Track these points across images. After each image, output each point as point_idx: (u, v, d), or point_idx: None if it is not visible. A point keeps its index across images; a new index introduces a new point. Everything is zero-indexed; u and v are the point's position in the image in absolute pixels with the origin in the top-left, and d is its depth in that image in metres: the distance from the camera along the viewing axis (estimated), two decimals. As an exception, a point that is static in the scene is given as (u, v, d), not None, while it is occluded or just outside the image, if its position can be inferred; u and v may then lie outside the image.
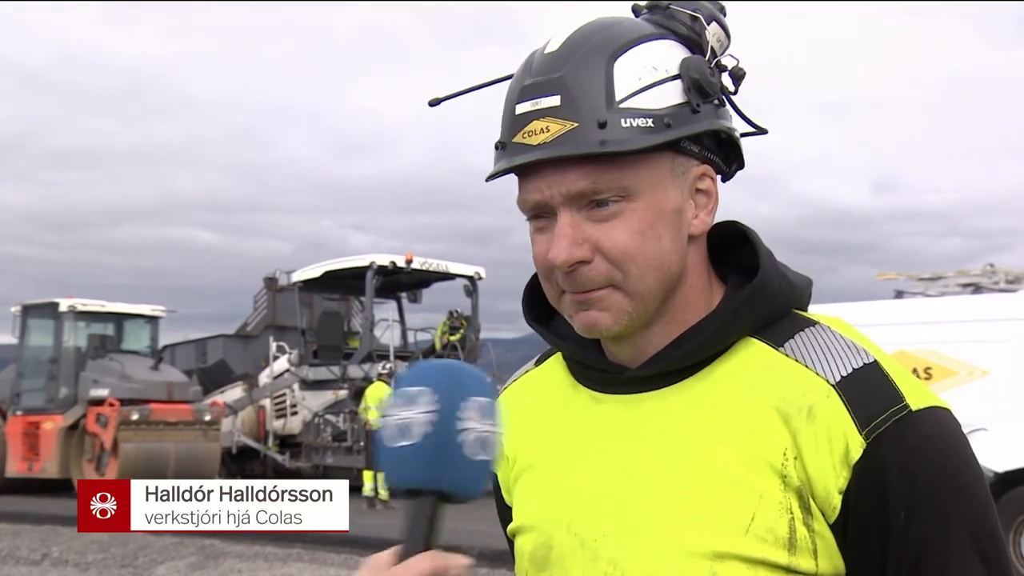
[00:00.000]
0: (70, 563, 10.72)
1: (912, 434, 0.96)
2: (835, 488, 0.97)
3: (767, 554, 0.97)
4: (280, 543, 11.56)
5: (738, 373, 1.03)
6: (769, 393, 1.00)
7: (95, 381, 17.49)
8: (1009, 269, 13.10)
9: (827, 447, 0.97)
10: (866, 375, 0.99)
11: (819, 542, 0.98)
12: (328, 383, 19.09)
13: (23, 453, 17.90)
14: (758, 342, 1.04)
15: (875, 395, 0.98)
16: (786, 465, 0.98)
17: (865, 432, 0.96)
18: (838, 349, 1.01)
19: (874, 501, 0.96)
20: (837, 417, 0.97)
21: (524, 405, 1.18)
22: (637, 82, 1.01)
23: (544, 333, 1.14)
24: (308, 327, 19.97)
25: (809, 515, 0.97)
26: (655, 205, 1.02)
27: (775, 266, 1.07)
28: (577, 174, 1.00)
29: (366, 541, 11.21)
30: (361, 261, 18.46)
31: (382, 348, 18.88)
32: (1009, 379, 11.45)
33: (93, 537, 12.21)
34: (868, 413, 0.97)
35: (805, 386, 0.99)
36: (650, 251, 1.02)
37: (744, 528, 0.98)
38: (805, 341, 1.03)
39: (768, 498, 0.98)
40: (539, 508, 1.11)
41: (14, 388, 18.50)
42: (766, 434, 0.99)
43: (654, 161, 1.02)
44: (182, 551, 11.09)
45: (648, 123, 1.00)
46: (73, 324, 18.44)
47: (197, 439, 17.49)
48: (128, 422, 16.73)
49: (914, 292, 13.85)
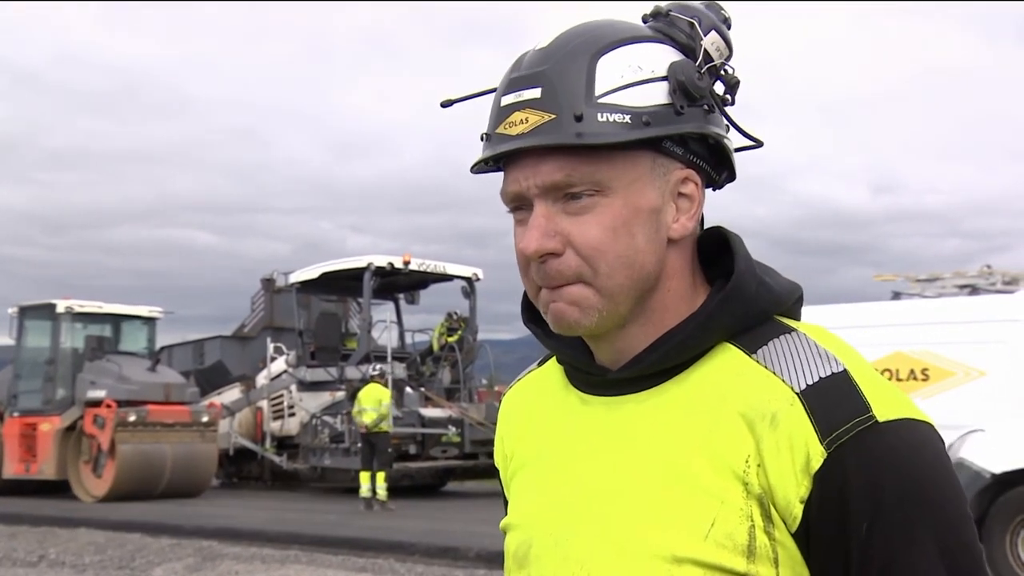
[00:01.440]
0: (67, 565, 10.70)
1: (876, 445, 0.95)
2: (796, 497, 0.96)
3: (725, 560, 0.97)
4: (277, 544, 11.56)
5: (712, 378, 1.03)
6: (737, 399, 1.01)
7: (92, 382, 17.48)
8: (1006, 270, 13.12)
9: (788, 455, 0.96)
10: (833, 384, 0.98)
11: (780, 551, 0.97)
12: (326, 384, 19.08)
13: (20, 455, 17.88)
14: (734, 348, 1.04)
15: (839, 404, 0.97)
16: (748, 472, 0.98)
17: (826, 442, 0.95)
18: (808, 357, 1.01)
19: (835, 512, 0.95)
20: (799, 425, 0.97)
21: (524, 404, 1.20)
22: (619, 79, 1.02)
23: (538, 334, 1.15)
24: (306, 328, 19.97)
25: (770, 523, 0.97)
26: (630, 202, 1.02)
27: (751, 271, 1.06)
28: (552, 166, 1.01)
29: (363, 542, 11.21)
30: (359, 262, 18.46)
31: (380, 349, 18.86)
32: (1006, 380, 11.46)
33: (90, 539, 12.20)
34: (830, 422, 0.96)
35: (771, 393, 0.99)
36: (621, 248, 1.02)
37: (704, 533, 0.98)
38: (778, 348, 1.02)
39: (729, 504, 0.98)
40: (525, 507, 1.13)
41: (11, 389, 18.48)
42: (731, 440, 0.99)
43: (632, 158, 1.02)
44: (179, 552, 11.08)
45: (626, 119, 1.01)
46: (70, 325, 18.42)
47: (194, 440, 17.47)
48: (125, 423, 16.72)
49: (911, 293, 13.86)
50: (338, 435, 18.03)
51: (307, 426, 18.85)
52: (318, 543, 11.51)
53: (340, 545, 11.19)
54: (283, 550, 11.18)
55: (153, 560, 10.75)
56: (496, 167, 1.08)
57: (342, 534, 11.88)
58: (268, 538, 11.97)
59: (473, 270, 19.32)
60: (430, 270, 18.80)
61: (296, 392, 19.62)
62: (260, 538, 12.01)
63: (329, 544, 11.35)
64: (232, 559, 10.63)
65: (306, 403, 19.26)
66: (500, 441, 1.23)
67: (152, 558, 10.86)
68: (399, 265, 18.26)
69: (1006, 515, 8.03)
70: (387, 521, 13.51)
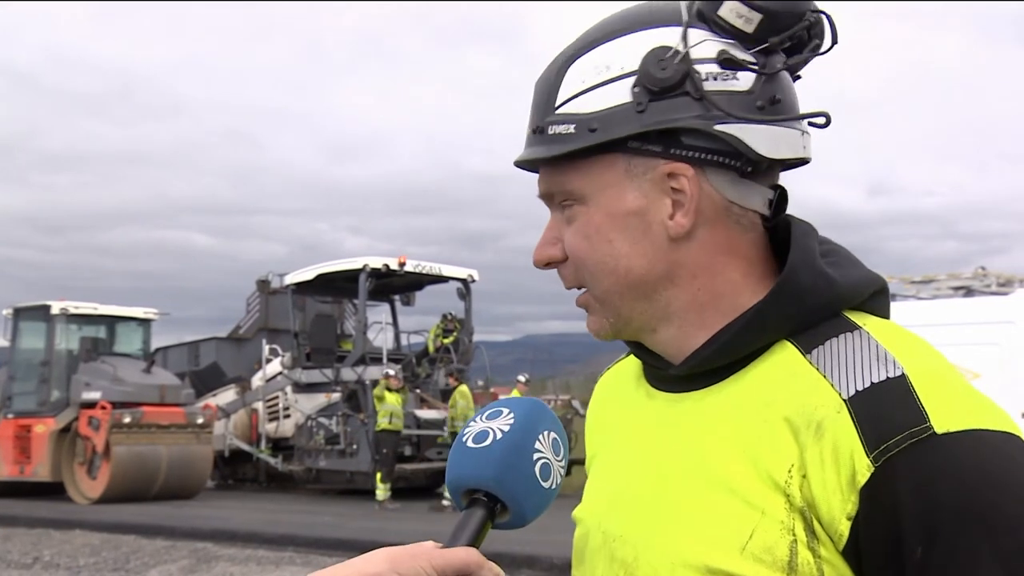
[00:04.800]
0: (62, 567, 10.69)
1: (933, 459, 0.85)
2: (842, 513, 0.88)
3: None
4: (273, 546, 11.55)
5: (766, 378, 0.97)
6: (785, 403, 0.94)
7: (87, 384, 17.45)
8: (1000, 272, 13.14)
9: (833, 468, 0.88)
10: (886, 390, 0.89)
11: (828, 569, 0.89)
12: (321, 386, 19.07)
13: (14, 456, 17.84)
14: (791, 346, 0.97)
15: (891, 413, 0.88)
16: (790, 483, 0.91)
17: (873, 455, 0.87)
18: (865, 359, 0.92)
19: (885, 532, 0.86)
20: (845, 436, 0.88)
21: (608, 393, 1.19)
22: (580, 84, 0.99)
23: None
24: (301, 330, 19.95)
25: (815, 539, 0.89)
26: (604, 208, 1.00)
27: (808, 262, 0.98)
28: (540, 178, 1.05)
29: (358, 544, 11.20)
30: (354, 264, 18.46)
31: (375, 351, 18.86)
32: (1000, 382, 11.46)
33: (85, 540, 12.19)
34: (879, 434, 0.87)
35: (819, 399, 0.92)
36: (598, 255, 1.01)
37: (741, 545, 0.92)
38: (835, 348, 0.95)
39: (770, 516, 0.91)
40: (589, 500, 1.12)
41: (5, 391, 18.44)
42: (775, 447, 0.92)
43: (600, 164, 0.99)
44: (174, 555, 11.07)
45: (570, 129, 0.99)
46: (65, 327, 18.39)
47: (189, 442, 17.45)
48: (120, 425, 16.69)
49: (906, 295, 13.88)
50: (333, 436, 18.02)
51: (302, 428, 18.82)
52: (313, 545, 11.50)
53: (335, 547, 11.18)
54: (278, 552, 11.18)
55: (148, 562, 10.74)
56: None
57: (337, 536, 11.87)
58: (263, 540, 11.96)
59: (469, 272, 19.32)
60: (426, 272, 18.80)
61: (291, 394, 19.60)
62: (255, 540, 11.99)
63: (324, 546, 11.35)
64: (227, 561, 10.62)
65: (301, 405, 19.24)
66: (588, 427, 1.22)
67: (147, 560, 10.84)
68: (395, 267, 18.25)
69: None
70: (382, 523, 13.50)
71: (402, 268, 18.33)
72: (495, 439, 0.92)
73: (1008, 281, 12.97)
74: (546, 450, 0.93)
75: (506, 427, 0.93)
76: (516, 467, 0.91)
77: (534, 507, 0.92)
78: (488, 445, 0.92)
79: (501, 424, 0.93)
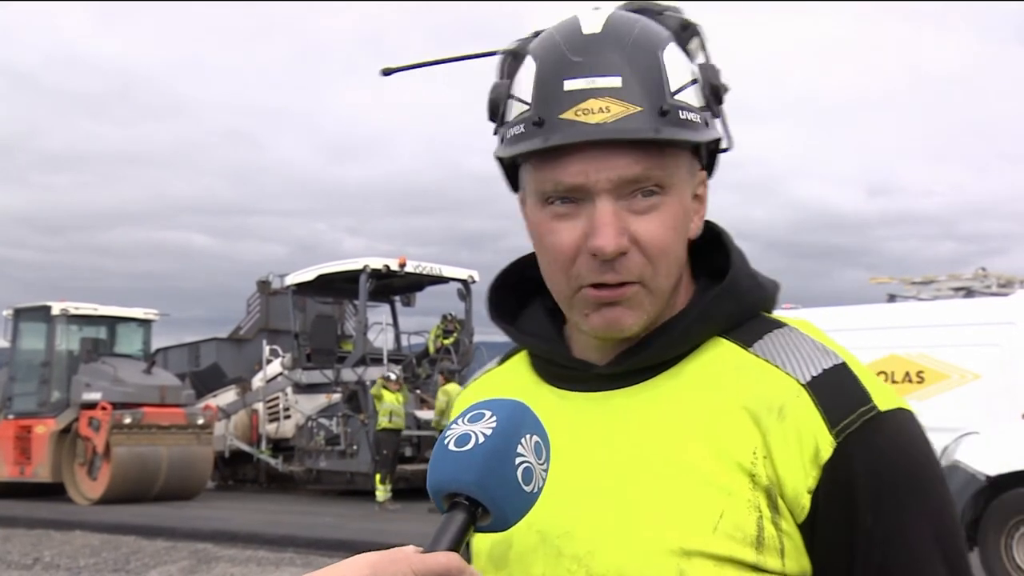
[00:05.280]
0: (62, 567, 10.68)
1: (879, 434, 0.97)
2: (804, 488, 0.96)
3: (735, 552, 0.96)
4: (273, 547, 11.55)
5: (708, 372, 1.03)
6: (739, 392, 1.00)
7: (87, 385, 17.45)
8: (1001, 273, 13.15)
9: (797, 447, 0.97)
10: (835, 376, 0.99)
11: (786, 541, 0.97)
12: (321, 387, 19.06)
13: (15, 457, 17.84)
14: (727, 342, 1.04)
15: (844, 396, 0.98)
16: (755, 464, 0.98)
17: (835, 432, 0.96)
18: (807, 350, 1.02)
19: (842, 501, 0.96)
20: (807, 417, 0.97)
21: None
22: (684, 77, 1.01)
23: (510, 331, 1.14)
24: (301, 331, 19.95)
25: (777, 514, 0.97)
26: (680, 202, 1.02)
27: (746, 267, 1.07)
28: (629, 159, 0.98)
29: (360, 545, 11.20)
30: (354, 264, 18.45)
31: (375, 352, 18.85)
32: (1001, 383, 11.46)
33: (85, 541, 12.19)
34: (838, 413, 0.97)
35: (775, 386, 0.99)
36: (677, 248, 1.02)
37: (713, 525, 0.97)
38: (775, 342, 1.03)
39: (737, 496, 0.97)
40: None
41: (6, 392, 18.44)
42: (735, 433, 0.99)
43: (682, 158, 1.02)
44: (174, 555, 11.07)
45: (697, 119, 1.01)
46: (65, 328, 18.39)
47: (190, 443, 17.45)
48: (120, 426, 16.69)
49: (907, 296, 13.88)
50: (334, 437, 18.02)
51: (303, 428, 18.83)
52: (313, 546, 11.50)
53: (335, 548, 11.18)
54: (278, 553, 11.18)
55: (148, 563, 10.73)
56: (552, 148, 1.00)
57: (337, 536, 11.87)
58: (263, 541, 11.95)
59: (469, 272, 19.31)
60: (426, 272, 18.79)
61: (292, 394, 19.60)
62: (255, 541, 11.99)
63: (324, 547, 11.34)
64: (227, 562, 10.62)
65: (302, 405, 19.24)
66: None
67: (147, 560, 10.84)
68: (395, 267, 18.25)
69: (1001, 517, 8.03)
70: (383, 524, 13.50)
71: (402, 269, 18.32)
72: (477, 443, 0.91)
73: (1009, 282, 12.97)
74: (528, 454, 0.92)
75: (488, 430, 0.91)
76: (498, 472, 0.90)
77: (516, 511, 0.92)
78: (470, 449, 0.90)
79: (483, 427, 0.92)
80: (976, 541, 8.13)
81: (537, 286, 1.11)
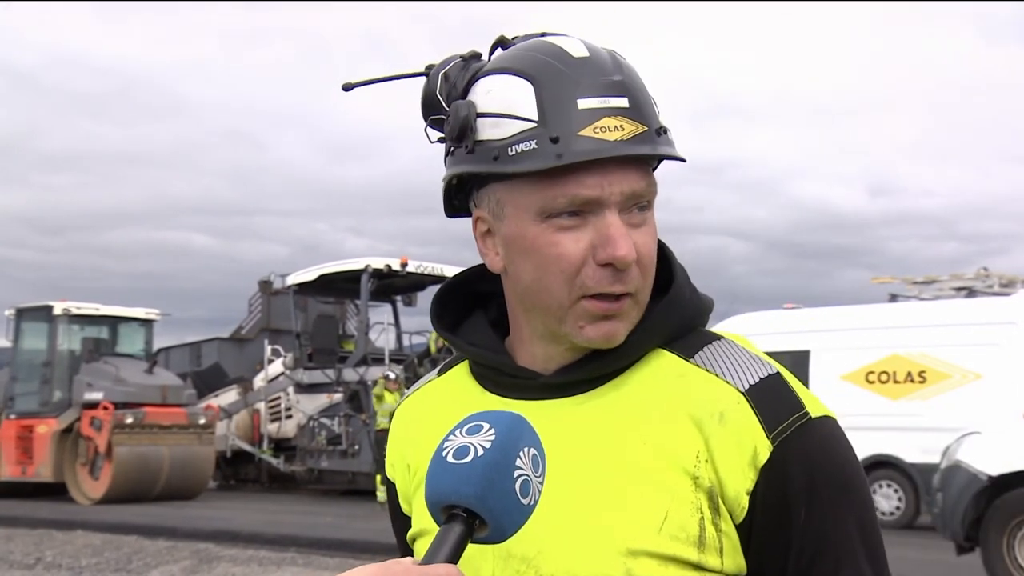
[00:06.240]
0: (64, 567, 10.70)
1: (811, 439, 1.04)
2: (743, 489, 1.02)
3: (679, 551, 1.01)
4: (274, 547, 11.55)
5: (651, 382, 1.08)
6: (682, 400, 1.06)
7: (89, 384, 17.46)
8: (1002, 273, 13.15)
9: (736, 450, 1.03)
10: (771, 384, 1.06)
11: (725, 541, 1.03)
12: (323, 386, 19.08)
13: (17, 457, 17.86)
14: (668, 353, 1.10)
15: (780, 403, 1.05)
16: (698, 467, 1.03)
17: (772, 436, 1.03)
18: (745, 360, 1.08)
19: (778, 500, 1.03)
20: (746, 422, 1.04)
21: (427, 412, 1.19)
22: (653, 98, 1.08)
23: (454, 340, 1.17)
24: (303, 330, 19.96)
25: (718, 515, 1.03)
26: (654, 217, 1.09)
27: (687, 283, 1.13)
28: (638, 175, 1.05)
29: (360, 545, 11.20)
30: (356, 264, 18.46)
31: (377, 352, 18.87)
32: (1002, 382, 11.45)
33: (87, 541, 12.20)
34: (775, 419, 1.04)
35: (717, 393, 1.06)
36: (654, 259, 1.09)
37: (658, 526, 1.02)
38: (714, 353, 1.09)
39: (681, 498, 1.02)
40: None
41: (8, 392, 18.45)
42: (679, 438, 1.04)
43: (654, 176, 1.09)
44: (176, 555, 11.07)
45: (673, 137, 1.08)
46: (67, 327, 18.40)
47: (191, 443, 17.46)
48: (122, 426, 16.70)
49: (908, 296, 13.87)
50: (335, 437, 18.03)
51: (304, 428, 18.84)
52: (315, 546, 11.50)
53: (337, 548, 11.19)
54: (280, 552, 11.18)
55: (150, 562, 10.74)
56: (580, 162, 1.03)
57: (339, 536, 11.88)
58: (265, 540, 11.96)
59: (470, 272, 19.30)
60: (427, 272, 18.80)
61: (293, 394, 19.61)
62: (257, 540, 12.00)
63: (326, 547, 11.35)
64: (229, 561, 10.63)
65: (303, 405, 19.25)
66: (398, 453, 1.21)
67: (149, 560, 10.85)
68: (396, 267, 18.26)
69: (1003, 517, 8.03)
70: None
71: (404, 269, 18.33)
72: (476, 455, 0.91)
73: (1010, 282, 12.97)
74: (526, 467, 0.93)
75: (487, 443, 0.92)
76: (497, 485, 0.91)
77: (513, 524, 0.93)
78: (469, 461, 0.91)
79: (482, 440, 0.92)
80: (978, 541, 8.13)
81: (476, 300, 1.19)
